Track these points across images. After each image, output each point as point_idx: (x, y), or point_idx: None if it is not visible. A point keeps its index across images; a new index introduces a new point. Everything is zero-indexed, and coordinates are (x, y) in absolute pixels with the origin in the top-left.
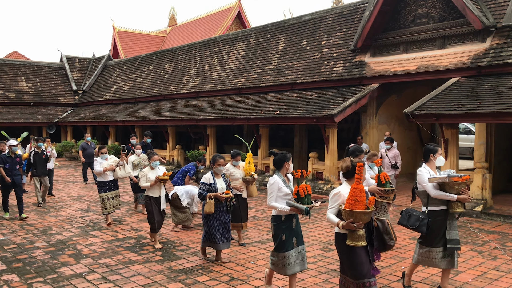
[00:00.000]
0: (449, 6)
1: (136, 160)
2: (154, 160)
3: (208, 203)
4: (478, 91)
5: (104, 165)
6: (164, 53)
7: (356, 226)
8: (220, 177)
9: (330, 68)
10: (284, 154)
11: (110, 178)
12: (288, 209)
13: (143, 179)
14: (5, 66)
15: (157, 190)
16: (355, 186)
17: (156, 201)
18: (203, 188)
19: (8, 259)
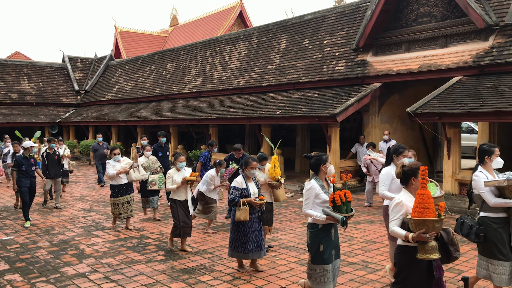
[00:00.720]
0: (451, 5)
1: (145, 163)
2: (180, 161)
3: (242, 209)
4: (481, 90)
5: (117, 167)
6: (166, 53)
7: (428, 236)
8: (251, 181)
9: (332, 68)
10: (319, 157)
11: (124, 181)
12: (325, 217)
13: (169, 181)
14: (7, 67)
15: (183, 193)
16: (421, 192)
17: (182, 205)
18: (235, 193)
19: (11, 259)
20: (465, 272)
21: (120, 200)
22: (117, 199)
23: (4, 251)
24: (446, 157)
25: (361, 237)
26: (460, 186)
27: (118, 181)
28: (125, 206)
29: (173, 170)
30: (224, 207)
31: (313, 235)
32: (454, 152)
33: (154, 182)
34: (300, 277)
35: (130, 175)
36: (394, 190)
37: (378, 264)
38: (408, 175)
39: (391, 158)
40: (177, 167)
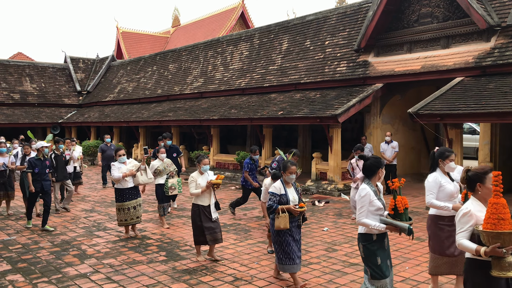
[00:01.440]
0: (453, 6)
1: (160, 166)
2: (204, 164)
3: (282, 217)
4: (483, 90)
5: (123, 170)
6: (167, 54)
7: (505, 251)
8: (291, 187)
9: (333, 68)
10: (378, 160)
11: (130, 185)
12: (384, 227)
13: (192, 185)
14: (9, 67)
15: (207, 197)
16: (494, 201)
17: (205, 210)
18: (273, 200)
19: (13, 259)
20: None
21: (126, 205)
22: (123, 204)
23: (6, 252)
24: None
25: None
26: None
27: (123, 185)
28: (131, 212)
29: (197, 174)
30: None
31: (367, 249)
32: (456, 153)
33: (173, 187)
34: (302, 279)
35: (137, 178)
36: (442, 198)
37: None
38: (473, 180)
39: (436, 163)
40: (200, 170)
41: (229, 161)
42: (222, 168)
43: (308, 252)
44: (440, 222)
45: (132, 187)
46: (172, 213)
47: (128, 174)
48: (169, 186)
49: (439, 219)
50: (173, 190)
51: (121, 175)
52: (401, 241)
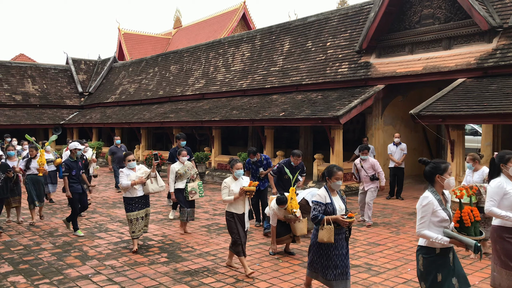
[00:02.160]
0: (455, 7)
1: (181, 169)
2: (237, 168)
3: (326, 229)
4: (485, 92)
5: (132, 177)
6: (169, 55)
7: None
8: (336, 194)
9: (335, 70)
10: (437, 165)
11: (139, 194)
12: (447, 241)
13: (225, 192)
14: (12, 69)
15: (241, 205)
16: None
17: (240, 219)
18: (318, 210)
19: (14, 261)
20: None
21: (135, 215)
22: (132, 213)
23: (7, 253)
24: (450, 159)
25: (364, 239)
26: None
27: (132, 193)
28: (140, 223)
29: (230, 179)
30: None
31: (427, 262)
32: (458, 154)
33: (194, 191)
34: (303, 280)
35: (147, 186)
36: (507, 207)
37: (381, 267)
38: None
39: (498, 168)
40: (233, 175)
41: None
42: (223, 170)
43: None
44: (506, 236)
45: (142, 196)
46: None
47: (137, 182)
48: (189, 190)
49: (505, 231)
50: (193, 195)
51: (129, 183)
52: (403, 242)
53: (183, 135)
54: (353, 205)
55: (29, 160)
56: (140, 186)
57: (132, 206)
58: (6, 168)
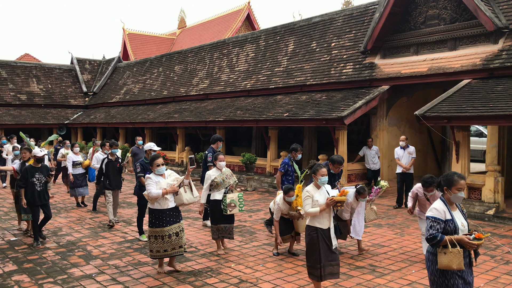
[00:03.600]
0: (460, 7)
1: (218, 177)
2: (322, 175)
3: (453, 253)
4: (490, 93)
5: (162, 185)
6: (173, 55)
7: None
8: (456, 208)
9: (340, 70)
10: None
11: (171, 205)
12: None
13: (307, 203)
14: (17, 68)
15: (327, 218)
16: None
17: (324, 235)
18: (436, 228)
19: (19, 260)
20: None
21: (166, 231)
22: (163, 229)
23: (12, 252)
24: (455, 161)
25: (368, 240)
26: (469, 190)
27: (163, 204)
28: (173, 240)
29: (312, 188)
30: None
31: None
32: (463, 156)
33: (233, 204)
34: (307, 281)
35: (180, 196)
36: None
37: (386, 268)
38: None
39: None
40: (317, 182)
41: (235, 163)
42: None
43: None
44: None
45: (173, 207)
46: None
47: (169, 191)
48: (227, 202)
49: None
50: (232, 208)
51: (160, 191)
52: (407, 244)
53: (219, 137)
54: None
55: (23, 163)
56: (171, 196)
57: (162, 220)
58: (48, 171)
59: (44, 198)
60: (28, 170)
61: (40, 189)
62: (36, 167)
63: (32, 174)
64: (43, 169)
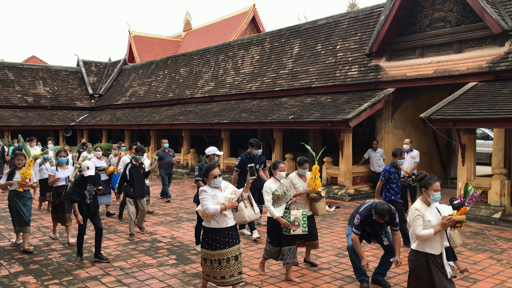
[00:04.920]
0: (466, 10)
1: (279, 190)
2: (435, 190)
3: None
4: (497, 95)
5: (220, 199)
6: (179, 58)
7: None
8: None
9: (345, 73)
10: None
11: (230, 223)
12: None
13: (418, 223)
14: (23, 71)
15: (439, 242)
16: None
17: (436, 262)
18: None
19: (25, 261)
20: (481, 281)
21: (224, 254)
22: (219, 252)
23: (18, 253)
24: (461, 164)
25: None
26: None
27: (221, 222)
28: (232, 265)
29: (421, 204)
30: None
31: None
32: (469, 159)
33: (297, 223)
34: (312, 284)
35: (241, 212)
36: None
37: (391, 271)
38: None
39: None
40: (427, 199)
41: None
42: (232, 172)
43: (319, 258)
44: None
45: (233, 226)
46: (182, 217)
47: (228, 206)
48: (291, 220)
49: None
50: (296, 228)
51: (218, 207)
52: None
53: (257, 142)
54: None
55: (13, 171)
56: (230, 213)
57: (220, 242)
58: (99, 181)
59: (93, 211)
60: (79, 181)
61: (90, 201)
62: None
63: (84, 186)
64: (95, 178)
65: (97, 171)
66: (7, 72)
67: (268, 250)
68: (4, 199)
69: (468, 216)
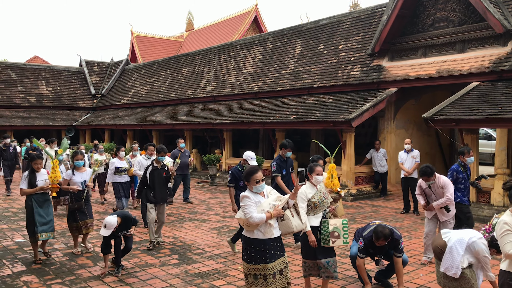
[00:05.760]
0: (469, 10)
1: (316, 196)
2: None
3: None
4: (499, 95)
5: (264, 206)
6: (181, 58)
7: None
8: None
9: (347, 72)
10: None
11: (276, 234)
12: None
13: (507, 239)
14: (26, 71)
15: None
16: None
17: None
18: None
19: (27, 261)
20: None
21: (270, 268)
22: (263, 266)
23: (20, 252)
24: None
25: None
26: (477, 193)
27: (266, 233)
28: (277, 280)
29: (510, 216)
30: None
31: None
32: None
33: (337, 234)
34: (314, 284)
35: (288, 221)
36: None
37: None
38: None
39: None
40: None
41: None
42: None
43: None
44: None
45: (277, 237)
46: (184, 216)
47: (274, 214)
48: (330, 231)
49: None
50: (336, 239)
51: (263, 215)
52: (415, 247)
53: (291, 143)
54: (365, 209)
55: (33, 174)
56: (275, 222)
57: (264, 255)
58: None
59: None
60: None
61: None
62: None
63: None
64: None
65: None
66: (10, 72)
67: (305, 266)
68: (5, 200)
69: None
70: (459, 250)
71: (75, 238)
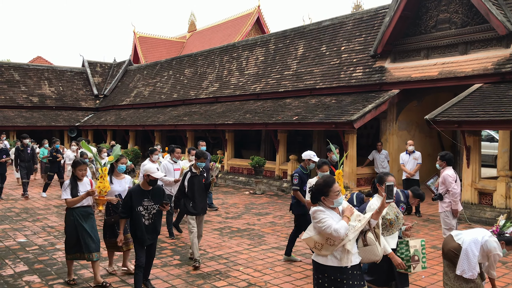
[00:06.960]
0: (472, 11)
1: (390, 213)
2: None
3: None
4: (502, 97)
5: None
6: (183, 59)
7: None
8: None
9: (349, 74)
10: None
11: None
12: None
13: None
14: (29, 71)
15: None
16: None
17: None
18: None
19: (30, 260)
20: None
21: None
22: None
23: (23, 252)
24: (466, 166)
25: None
26: (480, 195)
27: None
28: None
29: None
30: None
31: None
32: (474, 161)
33: (417, 258)
34: None
35: (373, 247)
36: None
37: None
38: None
39: None
40: None
41: (243, 166)
42: (236, 173)
43: None
44: None
45: (358, 264)
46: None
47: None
48: (411, 254)
49: None
50: (417, 264)
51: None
52: None
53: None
54: None
55: (75, 183)
56: (355, 246)
57: (341, 285)
58: (162, 196)
59: (152, 236)
60: (132, 195)
61: (149, 222)
62: (145, 190)
63: (139, 201)
64: (156, 193)
65: None
66: (13, 73)
67: None
68: (5, 201)
69: (473, 218)
70: (474, 251)
71: (111, 255)
